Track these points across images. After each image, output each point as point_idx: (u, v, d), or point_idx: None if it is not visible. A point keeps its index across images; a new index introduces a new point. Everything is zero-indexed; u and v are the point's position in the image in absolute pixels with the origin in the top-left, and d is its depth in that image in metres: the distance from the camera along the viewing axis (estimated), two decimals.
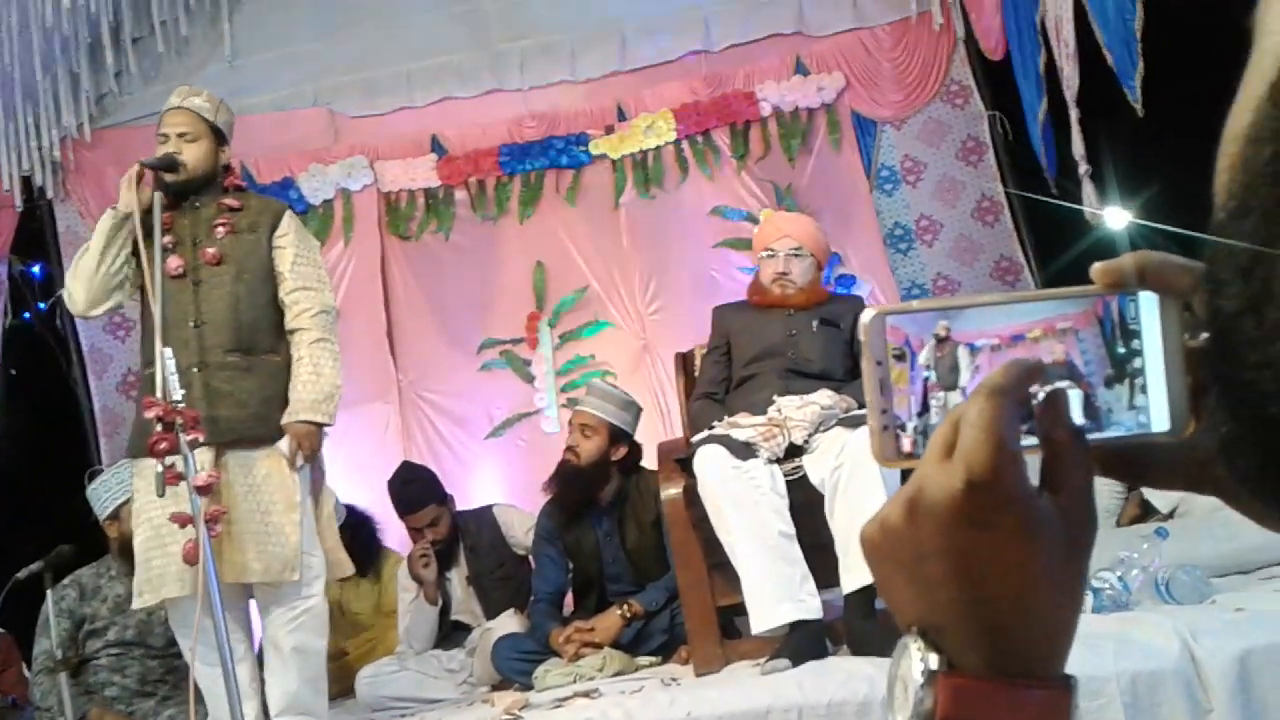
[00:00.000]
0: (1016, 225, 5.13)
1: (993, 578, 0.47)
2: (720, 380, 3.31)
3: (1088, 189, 3.96)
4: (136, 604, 2.92)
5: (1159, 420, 0.52)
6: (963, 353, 0.52)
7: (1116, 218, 4.16)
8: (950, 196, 5.26)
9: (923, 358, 0.52)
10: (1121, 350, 0.52)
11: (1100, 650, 2.23)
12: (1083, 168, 4.00)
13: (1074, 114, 3.94)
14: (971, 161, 5.26)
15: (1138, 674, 2.24)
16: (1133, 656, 2.26)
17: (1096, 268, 0.51)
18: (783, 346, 3.22)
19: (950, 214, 5.25)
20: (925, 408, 0.52)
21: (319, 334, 3.07)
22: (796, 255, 3.35)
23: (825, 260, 3.53)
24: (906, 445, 0.52)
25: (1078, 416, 0.52)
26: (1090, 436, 0.51)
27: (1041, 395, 0.50)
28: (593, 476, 3.55)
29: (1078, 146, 3.99)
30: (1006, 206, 5.14)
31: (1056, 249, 4.83)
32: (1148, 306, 0.51)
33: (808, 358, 3.19)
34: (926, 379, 0.52)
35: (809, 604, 2.73)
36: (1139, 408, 0.52)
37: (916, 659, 0.48)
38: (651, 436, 3.94)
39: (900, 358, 0.52)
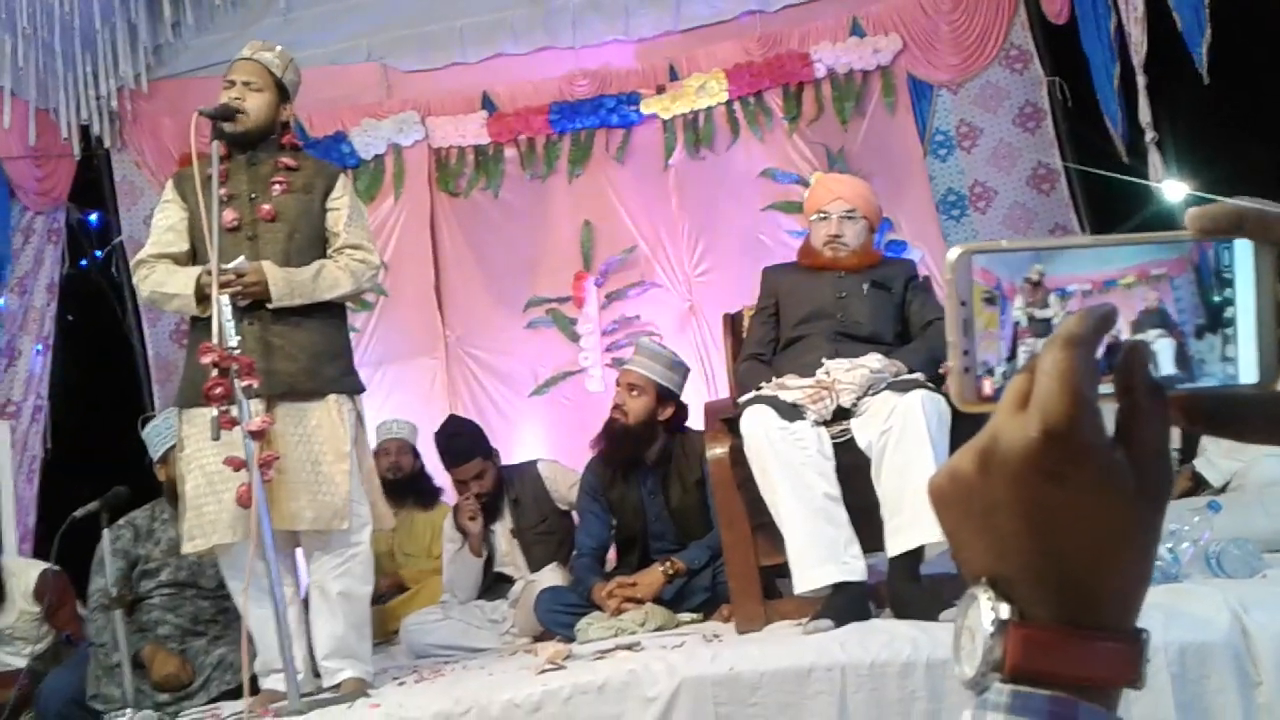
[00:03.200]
0: (1073, 194, 5.05)
1: (1065, 529, 0.47)
2: (768, 341, 3.29)
3: (1153, 157, 3.88)
4: (186, 549, 2.98)
5: (1247, 372, 0.51)
6: (1054, 298, 0.51)
7: (1176, 188, 4.07)
8: (1006, 163, 5.18)
9: (1016, 303, 0.51)
10: (1215, 299, 0.51)
11: (1149, 620, 2.20)
12: (1149, 135, 3.91)
13: (1141, 80, 3.86)
14: (1029, 128, 5.17)
15: (1186, 645, 2.22)
16: (1182, 627, 2.24)
17: (1192, 213, 0.50)
18: (832, 309, 3.18)
19: (1005, 181, 5.18)
20: (1013, 353, 0.51)
21: (356, 269, 3.09)
22: (849, 218, 3.30)
23: (877, 223, 3.48)
24: (987, 389, 0.51)
25: (1167, 366, 0.51)
26: (1179, 387, 0.50)
27: (1124, 344, 0.49)
28: (640, 435, 3.56)
29: (1144, 113, 3.90)
30: (1063, 175, 5.05)
31: (1113, 219, 4.74)
32: (1243, 255, 0.50)
33: (857, 320, 3.16)
34: (1017, 324, 0.51)
35: (853, 566, 2.72)
36: (1230, 359, 0.51)
37: (986, 609, 0.48)
38: (696, 398, 3.95)
39: (990, 300, 0.51)
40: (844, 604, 2.67)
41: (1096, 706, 0.47)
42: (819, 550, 2.71)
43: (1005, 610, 0.47)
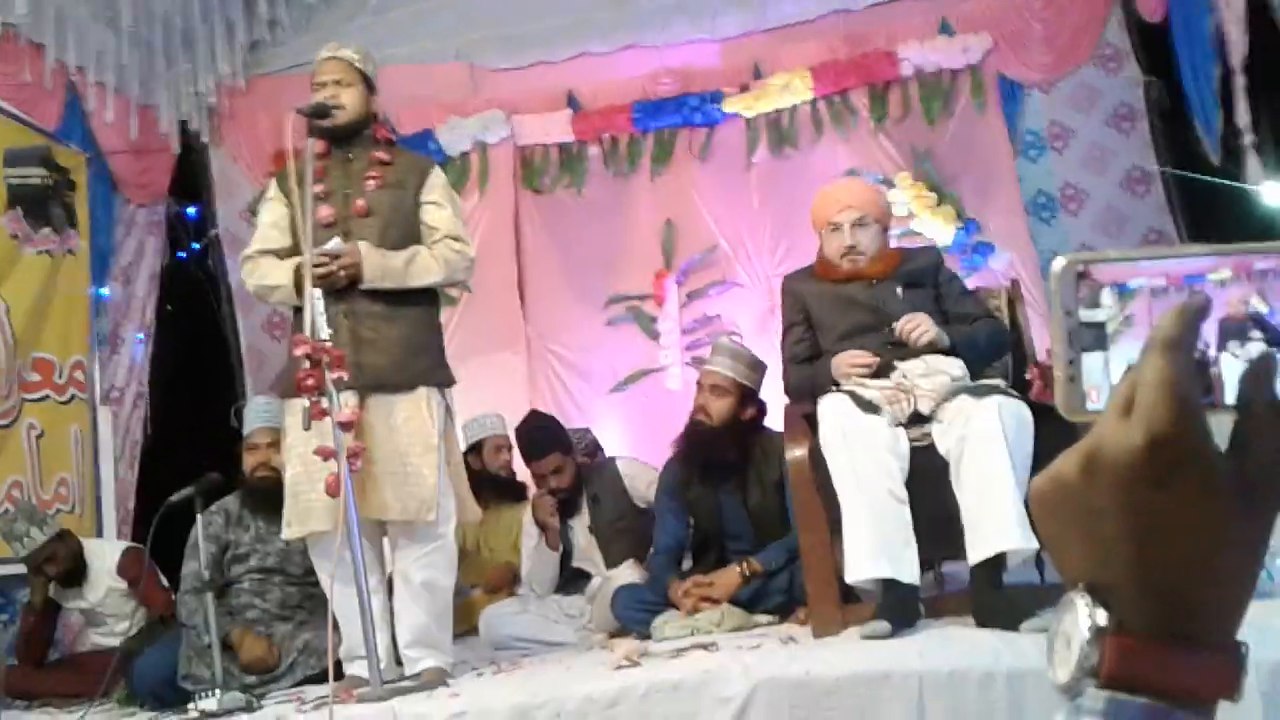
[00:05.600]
0: (1169, 197, 4.91)
1: (1169, 538, 0.47)
2: (810, 355, 3.21)
3: (1251, 161, 3.76)
4: (286, 534, 3.08)
5: None
6: (1107, 295, 0.50)
7: (1276, 192, 3.94)
8: (1098, 165, 5.07)
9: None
10: None
11: (1240, 637, 2.15)
12: (1247, 138, 3.79)
13: (1240, 81, 3.74)
14: (1123, 129, 5.05)
15: (1278, 665, 2.15)
16: (1275, 645, 2.17)
17: None
18: (874, 321, 3.07)
19: (1098, 183, 5.06)
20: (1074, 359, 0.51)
21: (451, 259, 3.14)
22: (861, 225, 3.16)
23: (889, 223, 3.34)
24: (1094, 398, 0.51)
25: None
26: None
27: (1256, 356, 0.48)
28: (724, 437, 3.54)
29: (1242, 115, 3.79)
30: (1159, 177, 4.92)
31: (1212, 223, 4.60)
32: None
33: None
34: (1070, 331, 0.51)
35: (906, 568, 2.68)
36: None
37: (1084, 615, 0.48)
38: (775, 399, 3.93)
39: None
40: (896, 605, 2.64)
41: (1193, 717, 0.46)
42: (874, 543, 2.68)
43: (1103, 617, 0.47)
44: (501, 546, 4.50)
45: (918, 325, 2.94)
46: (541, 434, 4.04)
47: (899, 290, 3.12)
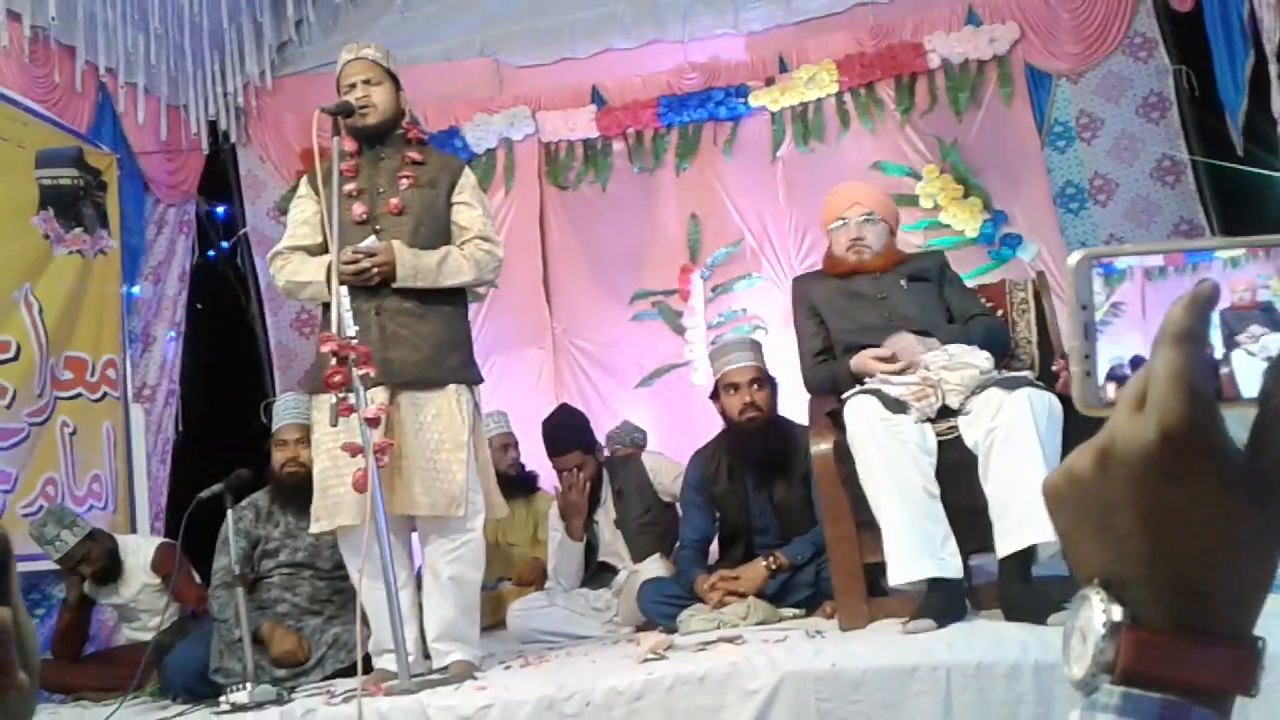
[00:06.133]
0: (1200, 187, 4.85)
1: (1183, 531, 0.46)
2: (825, 350, 3.26)
3: None
4: (314, 529, 3.11)
5: None
6: (1098, 280, 0.50)
7: None
8: (1128, 155, 5.01)
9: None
10: None
11: (1263, 632, 2.13)
12: None
13: (1274, 69, 3.69)
14: (1153, 119, 4.99)
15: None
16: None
17: None
18: (880, 310, 3.14)
19: (1127, 173, 5.01)
20: (1141, 355, 0.51)
21: (481, 260, 3.16)
22: (869, 221, 3.26)
23: (896, 226, 3.43)
24: (1111, 393, 0.51)
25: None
26: None
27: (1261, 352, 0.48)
28: (775, 428, 3.55)
29: (1277, 103, 3.73)
30: (1189, 167, 4.86)
31: (1243, 214, 4.54)
32: None
33: (907, 316, 3.11)
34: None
35: (949, 563, 2.68)
36: None
37: (1099, 610, 0.48)
38: (801, 394, 3.92)
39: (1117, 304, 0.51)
40: (942, 603, 2.64)
41: (1209, 712, 0.46)
42: (915, 543, 2.68)
43: (1118, 612, 0.47)
44: (521, 540, 4.54)
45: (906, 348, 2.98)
46: (564, 431, 4.05)
47: (903, 282, 3.18)
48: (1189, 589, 0.47)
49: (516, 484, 4.53)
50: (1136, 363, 0.49)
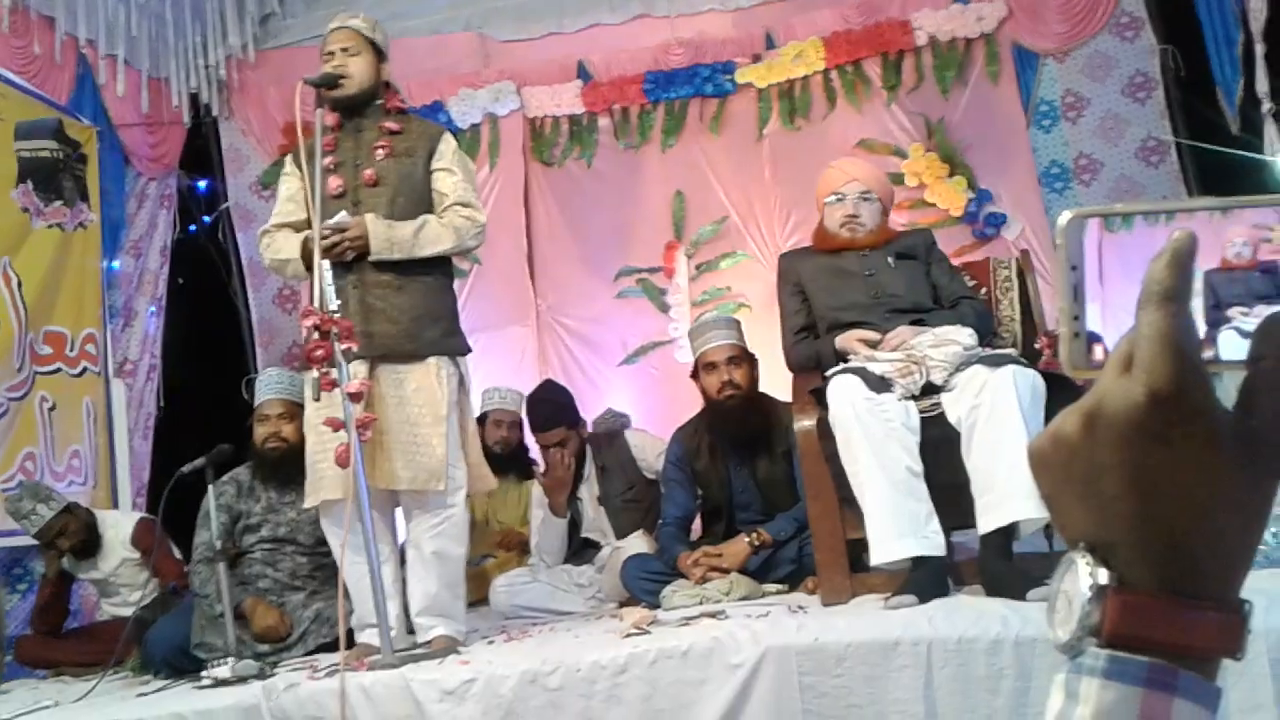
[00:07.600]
0: (1184, 167, 4.86)
1: (1170, 493, 0.46)
2: (808, 327, 3.27)
3: (1270, 129, 3.72)
4: (307, 503, 3.11)
5: None
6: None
7: None
8: (1113, 135, 5.02)
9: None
10: None
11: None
12: (1266, 106, 3.75)
13: (1260, 49, 3.69)
14: (1139, 98, 5.00)
15: None
16: None
17: None
18: (865, 286, 3.15)
19: (1112, 153, 5.02)
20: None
21: (460, 225, 3.13)
22: (865, 199, 3.26)
23: (890, 205, 3.43)
24: (1099, 354, 0.50)
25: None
26: None
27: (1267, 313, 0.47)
28: (755, 405, 3.55)
29: (1262, 84, 3.74)
30: (1174, 147, 4.87)
31: (1228, 193, 4.55)
32: None
33: (893, 294, 3.12)
34: None
35: (933, 540, 2.69)
36: None
37: (1085, 574, 0.47)
38: (784, 371, 3.92)
39: None
40: (924, 579, 2.65)
41: (1195, 675, 0.46)
42: (899, 523, 2.69)
43: (1104, 575, 0.47)
44: (510, 520, 4.53)
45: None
46: (548, 407, 4.05)
47: (890, 259, 3.19)
48: (1176, 551, 0.46)
49: (508, 464, 4.50)
50: None
